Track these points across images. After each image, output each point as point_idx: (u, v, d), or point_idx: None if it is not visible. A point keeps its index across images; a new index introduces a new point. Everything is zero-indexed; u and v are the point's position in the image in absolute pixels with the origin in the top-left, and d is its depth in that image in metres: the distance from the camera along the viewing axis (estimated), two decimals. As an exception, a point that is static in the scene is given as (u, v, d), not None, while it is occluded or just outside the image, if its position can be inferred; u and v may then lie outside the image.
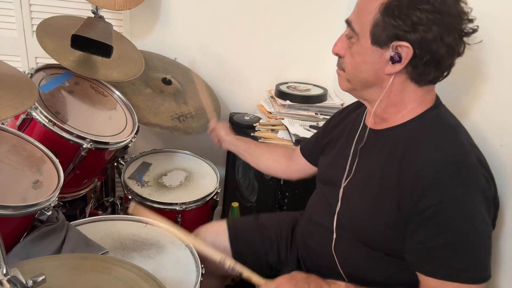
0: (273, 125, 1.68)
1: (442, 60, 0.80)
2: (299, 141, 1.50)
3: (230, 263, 0.99)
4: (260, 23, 1.81)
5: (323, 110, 1.74)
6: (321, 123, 1.66)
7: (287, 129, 1.59)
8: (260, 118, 1.76)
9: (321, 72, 1.92)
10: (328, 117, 1.70)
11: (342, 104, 1.78)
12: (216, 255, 1.01)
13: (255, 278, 0.96)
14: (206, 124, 1.60)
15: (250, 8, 1.77)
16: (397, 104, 0.87)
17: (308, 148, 1.23)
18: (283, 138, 1.57)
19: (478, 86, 1.05)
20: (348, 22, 0.87)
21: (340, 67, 0.92)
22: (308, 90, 1.82)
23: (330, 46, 0.93)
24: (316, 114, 1.72)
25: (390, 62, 0.82)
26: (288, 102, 1.72)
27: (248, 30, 1.82)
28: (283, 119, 1.68)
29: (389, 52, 0.81)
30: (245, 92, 1.92)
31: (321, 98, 1.78)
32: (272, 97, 1.82)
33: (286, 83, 1.88)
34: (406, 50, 0.79)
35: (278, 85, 1.83)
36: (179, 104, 1.62)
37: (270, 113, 1.73)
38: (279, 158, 1.31)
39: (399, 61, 0.80)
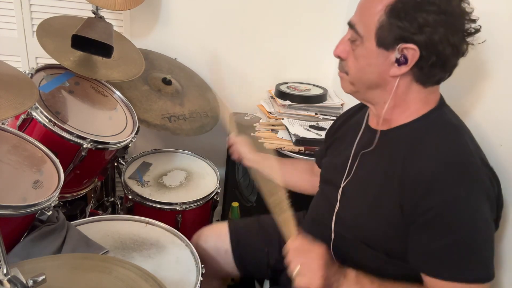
0: (273, 125, 1.68)
1: (447, 60, 0.80)
2: (299, 141, 1.50)
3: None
4: (260, 23, 1.81)
5: (323, 110, 1.74)
6: (321, 123, 1.66)
7: (287, 129, 1.59)
8: (260, 118, 1.76)
9: (321, 72, 1.92)
10: (328, 117, 1.71)
11: (342, 104, 1.78)
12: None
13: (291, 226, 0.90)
14: (198, 128, 1.60)
15: (250, 7, 1.77)
16: (401, 105, 0.87)
17: (321, 159, 1.18)
18: (283, 138, 1.57)
19: (479, 86, 1.04)
20: (350, 24, 0.86)
21: (343, 70, 0.90)
22: (308, 90, 1.82)
23: (330, 46, 0.93)
24: (316, 114, 1.72)
25: (396, 64, 0.81)
26: (288, 102, 1.72)
27: (248, 29, 1.82)
28: (283, 119, 1.67)
29: (395, 54, 0.80)
30: (245, 92, 1.92)
31: (321, 98, 1.78)
32: (272, 97, 1.82)
33: (286, 83, 1.88)
34: (412, 52, 0.78)
35: (278, 85, 1.83)
36: (174, 104, 1.62)
37: (270, 113, 1.73)
38: (304, 175, 1.26)
39: (405, 63, 0.79)
